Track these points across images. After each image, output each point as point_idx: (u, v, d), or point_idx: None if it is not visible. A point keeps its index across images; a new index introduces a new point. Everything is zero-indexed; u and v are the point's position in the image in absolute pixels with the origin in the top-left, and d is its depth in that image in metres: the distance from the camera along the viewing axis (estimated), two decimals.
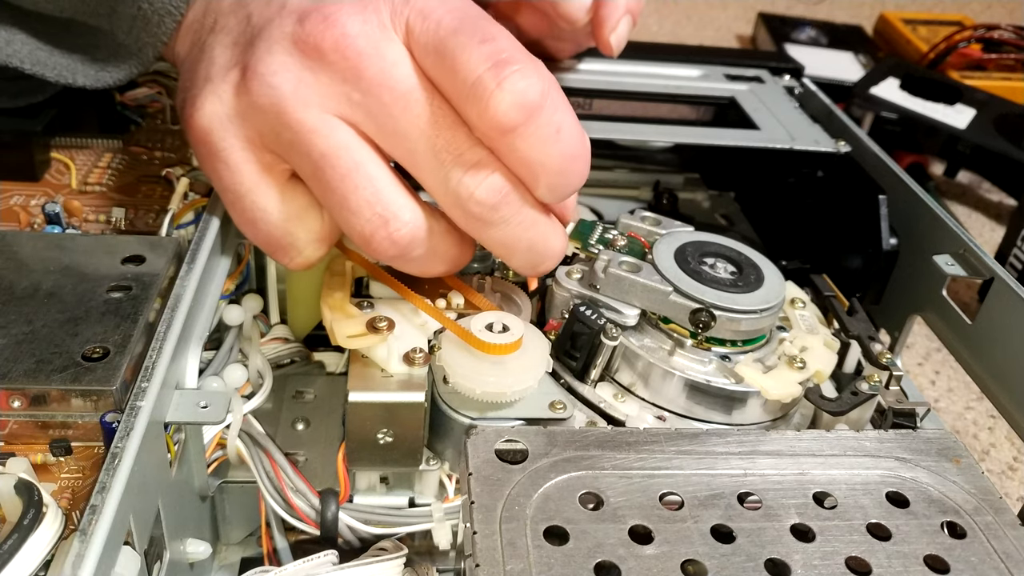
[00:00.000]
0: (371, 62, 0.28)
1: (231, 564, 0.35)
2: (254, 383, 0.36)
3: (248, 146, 0.30)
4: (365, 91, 0.28)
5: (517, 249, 0.30)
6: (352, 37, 0.28)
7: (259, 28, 0.30)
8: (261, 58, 0.29)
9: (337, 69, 0.28)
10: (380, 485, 0.34)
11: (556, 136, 0.28)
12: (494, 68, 0.26)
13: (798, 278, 0.40)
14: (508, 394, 0.31)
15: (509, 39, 0.28)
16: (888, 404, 0.34)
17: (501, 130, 0.27)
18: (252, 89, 0.29)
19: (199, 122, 0.30)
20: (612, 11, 0.43)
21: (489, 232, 0.30)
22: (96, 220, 0.39)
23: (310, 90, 0.28)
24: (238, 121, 0.30)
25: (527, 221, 0.30)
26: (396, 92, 0.28)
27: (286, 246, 0.31)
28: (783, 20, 0.99)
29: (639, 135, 0.47)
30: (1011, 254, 0.62)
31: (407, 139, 0.28)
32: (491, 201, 0.29)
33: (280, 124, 0.29)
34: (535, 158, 0.28)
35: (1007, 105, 0.74)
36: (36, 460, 0.28)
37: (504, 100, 0.26)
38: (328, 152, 0.29)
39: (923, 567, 0.27)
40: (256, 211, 0.31)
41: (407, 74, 0.28)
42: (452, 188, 0.28)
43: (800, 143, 0.45)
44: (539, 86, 0.27)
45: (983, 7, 1.23)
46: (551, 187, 0.29)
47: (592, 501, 0.28)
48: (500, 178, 0.28)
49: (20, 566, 0.23)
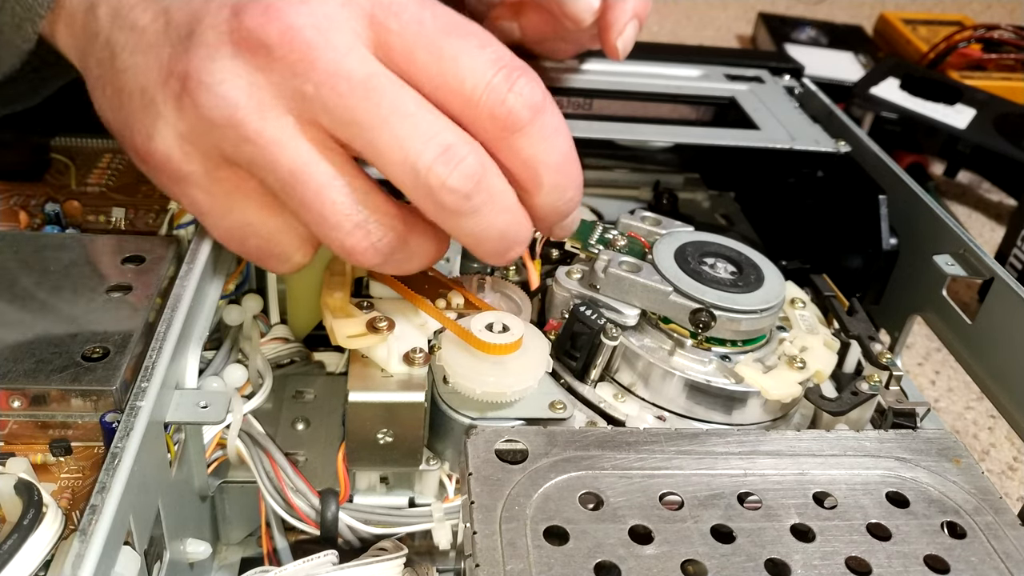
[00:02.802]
0: (322, 52, 0.26)
1: (231, 564, 0.35)
2: (254, 383, 0.36)
3: (212, 164, 0.28)
4: (318, 83, 0.27)
5: (488, 238, 0.29)
6: (298, 28, 0.26)
7: (187, 26, 0.28)
8: (203, 65, 0.27)
9: (287, 64, 0.27)
10: (380, 485, 0.34)
11: (557, 134, 0.29)
12: (504, 72, 0.28)
13: (798, 278, 0.40)
14: (508, 394, 0.31)
15: (498, 42, 0.28)
16: (888, 404, 0.34)
17: (512, 129, 0.28)
18: (200, 102, 0.27)
19: (157, 150, 0.28)
20: (619, 15, 0.43)
21: (461, 222, 0.28)
22: (96, 220, 0.39)
23: (262, 92, 0.27)
24: (194, 140, 0.28)
25: (499, 207, 0.29)
26: (353, 80, 0.27)
27: (277, 255, 0.31)
28: (783, 20, 0.99)
29: (639, 135, 0.47)
30: (1011, 254, 0.62)
31: (368, 129, 0.27)
32: (465, 188, 0.27)
33: (238, 137, 0.27)
34: (539, 155, 0.29)
35: (1007, 105, 0.74)
36: (36, 460, 0.28)
37: (517, 101, 0.28)
38: (295, 167, 0.27)
39: (923, 567, 0.27)
40: (240, 228, 0.30)
41: (361, 61, 0.27)
42: (422, 178, 0.27)
43: (800, 143, 0.45)
44: (540, 90, 0.28)
45: (983, 7, 1.23)
46: (553, 185, 0.29)
47: (592, 501, 0.28)
48: (473, 163, 0.27)
49: (20, 566, 0.23)
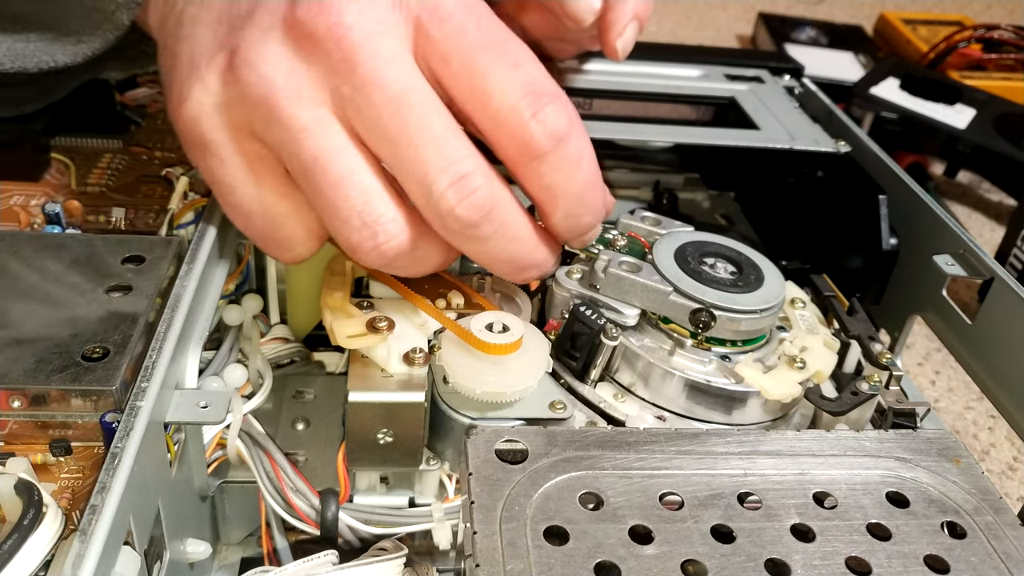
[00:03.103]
0: (365, 56, 0.27)
1: (231, 564, 0.35)
2: (254, 383, 0.36)
3: (238, 136, 0.29)
4: (357, 87, 0.27)
5: (497, 261, 0.30)
6: (347, 27, 0.27)
7: (248, 8, 0.29)
8: (252, 44, 0.28)
9: (331, 60, 0.27)
10: (380, 485, 0.34)
11: (579, 164, 0.29)
12: (531, 98, 0.28)
13: (798, 278, 0.40)
14: (508, 394, 0.31)
15: (535, 62, 0.29)
16: (888, 404, 0.34)
17: (531, 156, 0.28)
18: (241, 78, 0.28)
19: (187, 113, 0.29)
20: (619, 15, 0.43)
21: (468, 245, 0.29)
22: (96, 220, 0.39)
23: (302, 81, 0.27)
24: (226, 111, 0.29)
25: (508, 236, 0.29)
26: (388, 93, 0.27)
27: (281, 240, 0.31)
28: (783, 20, 0.99)
29: (639, 135, 0.47)
30: (1011, 254, 0.62)
31: (394, 143, 0.28)
32: (472, 218, 0.28)
33: (271, 118, 0.28)
34: (558, 184, 0.29)
35: (1007, 105, 0.74)
36: (36, 460, 0.28)
37: (539, 129, 0.28)
38: (319, 156, 0.28)
39: (923, 567, 0.27)
40: (250, 204, 0.30)
41: (402, 74, 0.27)
42: (434, 200, 0.28)
43: (800, 143, 0.45)
44: (568, 117, 0.28)
45: (983, 7, 1.23)
46: (568, 213, 0.30)
47: (592, 501, 0.28)
48: (484, 195, 0.28)
49: (20, 566, 0.23)
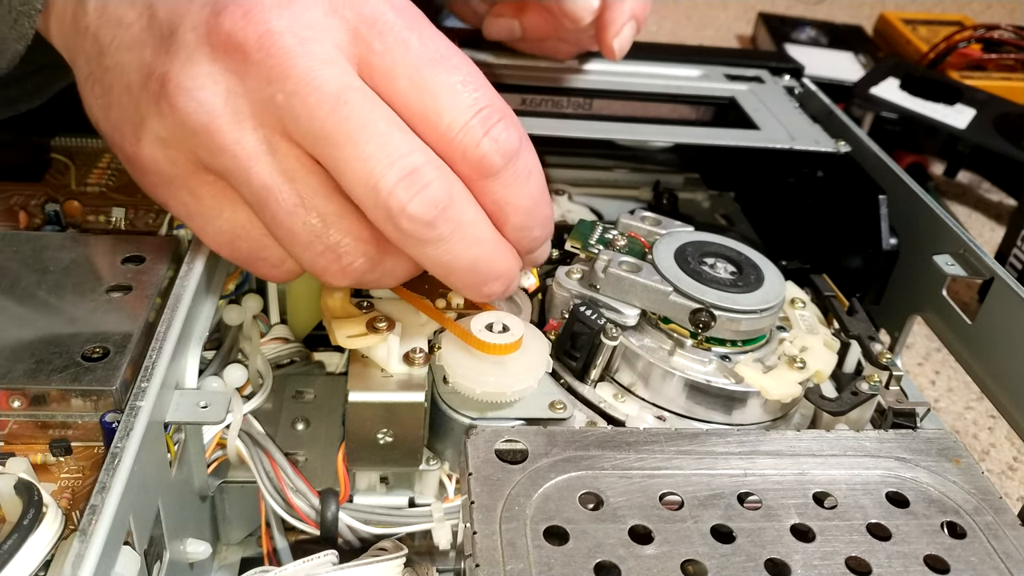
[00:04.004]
0: (297, 59, 0.26)
1: (231, 564, 0.35)
2: (254, 383, 0.36)
3: (196, 167, 0.28)
4: (291, 92, 0.26)
5: (456, 269, 0.28)
6: (278, 33, 0.26)
7: (169, 24, 0.27)
8: (183, 68, 0.26)
9: (262, 69, 0.26)
10: (380, 485, 0.34)
11: (528, 179, 0.29)
12: (482, 116, 0.27)
13: (798, 278, 0.40)
14: (508, 394, 0.31)
15: (481, 77, 0.28)
16: (888, 404, 0.34)
17: (483, 173, 0.28)
18: (178, 106, 0.26)
19: (145, 155, 0.28)
20: (617, 15, 0.43)
21: (424, 250, 0.27)
22: (96, 220, 0.39)
23: (240, 100, 0.26)
24: (175, 144, 0.27)
25: (468, 238, 0.27)
26: (324, 93, 0.26)
27: (268, 258, 0.30)
28: (783, 20, 0.99)
29: (639, 135, 0.47)
30: (1011, 254, 0.62)
31: (334, 145, 0.26)
32: (427, 216, 0.26)
33: (214, 146, 0.27)
34: (509, 199, 0.29)
35: (1007, 105, 0.74)
36: (36, 460, 0.28)
37: (491, 147, 0.27)
38: (270, 184, 0.27)
39: (923, 567, 0.27)
40: (231, 230, 0.29)
41: (337, 73, 0.26)
42: (382, 201, 0.26)
43: (800, 143, 0.45)
44: (517, 135, 0.28)
45: (983, 7, 1.23)
46: (517, 226, 0.29)
47: (592, 501, 0.28)
48: (438, 190, 0.26)
49: (20, 566, 0.23)
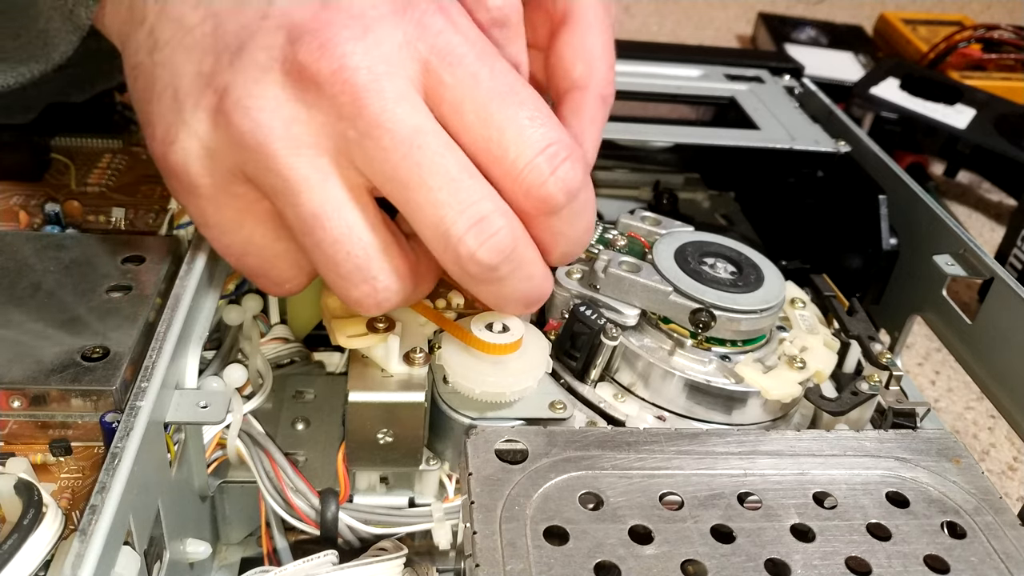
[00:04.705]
0: (372, 99, 0.25)
1: (231, 564, 0.35)
2: (254, 383, 0.36)
3: (230, 181, 0.28)
4: (363, 131, 0.26)
5: (509, 302, 0.30)
6: (352, 70, 0.25)
7: (237, 38, 0.27)
8: (246, 86, 0.26)
9: (334, 104, 0.26)
10: (380, 485, 0.34)
11: (584, 212, 0.29)
12: (549, 154, 0.27)
13: (798, 278, 0.40)
14: (508, 394, 0.31)
15: (549, 113, 0.28)
16: (888, 404, 0.34)
17: (547, 211, 0.28)
18: (235, 123, 0.26)
19: (174, 157, 0.27)
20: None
21: (484, 288, 0.28)
22: (96, 220, 0.39)
23: (302, 128, 0.26)
24: (218, 156, 0.27)
25: (524, 276, 0.28)
26: (397, 135, 0.26)
27: (273, 277, 0.30)
28: (783, 20, 0.99)
29: (639, 135, 0.47)
30: (1011, 254, 0.62)
31: (405, 187, 0.26)
32: (493, 262, 0.27)
33: (267, 167, 0.26)
34: (564, 231, 0.29)
35: (1007, 105, 0.74)
36: (36, 460, 0.28)
37: (556, 187, 0.27)
38: (319, 212, 0.27)
39: (923, 567, 0.27)
40: (244, 246, 0.29)
41: (411, 114, 0.26)
42: (452, 245, 0.26)
43: (800, 143, 0.45)
44: (582, 172, 0.28)
45: (983, 7, 1.23)
46: (566, 254, 0.30)
47: (592, 501, 0.28)
48: (505, 237, 0.27)
49: (20, 566, 0.23)
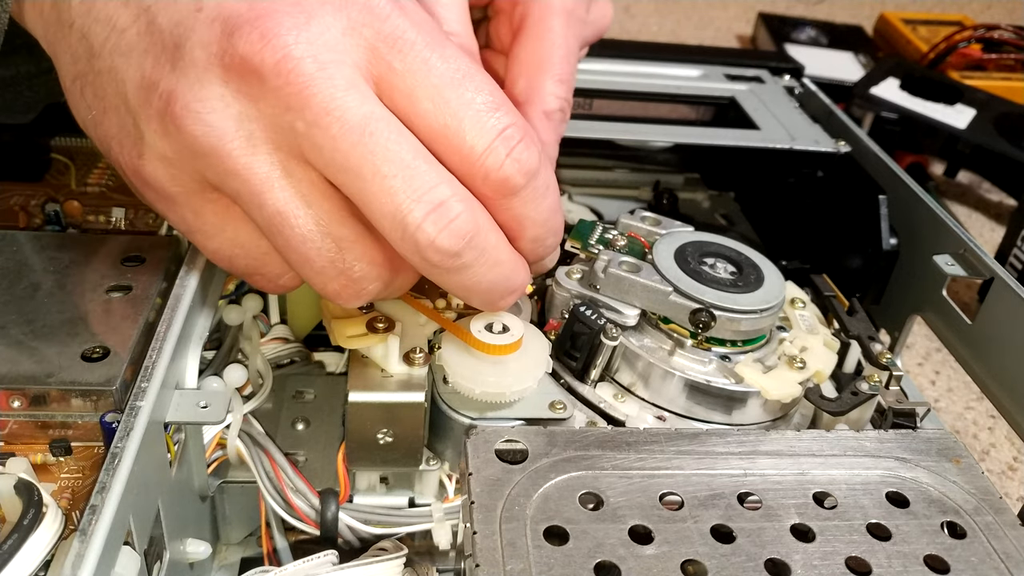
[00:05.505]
0: (319, 87, 0.25)
1: (231, 564, 0.35)
2: (254, 383, 0.36)
3: (201, 186, 0.27)
4: (311, 122, 0.25)
5: (476, 291, 0.29)
6: (297, 60, 0.25)
7: (172, 35, 0.26)
8: (190, 89, 0.25)
9: (280, 96, 0.25)
10: (380, 485, 0.34)
11: (545, 194, 0.29)
12: (505, 137, 0.27)
13: (798, 278, 0.40)
14: (508, 394, 0.31)
15: (501, 95, 0.28)
16: (888, 404, 0.34)
17: (505, 193, 0.28)
18: (186, 128, 0.25)
19: (145, 170, 0.27)
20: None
21: (448, 277, 0.28)
22: (96, 220, 0.39)
23: (253, 125, 0.25)
24: (179, 164, 0.27)
25: (489, 262, 0.28)
26: (347, 125, 0.25)
27: (265, 275, 0.30)
28: (783, 20, 0.99)
29: (639, 135, 0.47)
30: (1011, 254, 0.62)
31: (359, 176, 0.26)
32: (454, 248, 0.26)
33: (225, 170, 0.26)
34: (527, 214, 0.29)
35: (1007, 105, 0.74)
36: (36, 460, 0.28)
37: (514, 168, 0.27)
38: (283, 210, 0.26)
39: (923, 567, 0.27)
40: (231, 248, 0.29)
41: (360, 102, 0.25)
42: (411, 234, 0.26)
43: (800, 143, 0.45)
44: (537, 153, 0.28)
45: (983, 7, 1.23)
46: (534, 238, 0.30)
47: (592, 501, 0.28)
48: (466, 222, 0.26)
49: (20, 566, 0.23)
